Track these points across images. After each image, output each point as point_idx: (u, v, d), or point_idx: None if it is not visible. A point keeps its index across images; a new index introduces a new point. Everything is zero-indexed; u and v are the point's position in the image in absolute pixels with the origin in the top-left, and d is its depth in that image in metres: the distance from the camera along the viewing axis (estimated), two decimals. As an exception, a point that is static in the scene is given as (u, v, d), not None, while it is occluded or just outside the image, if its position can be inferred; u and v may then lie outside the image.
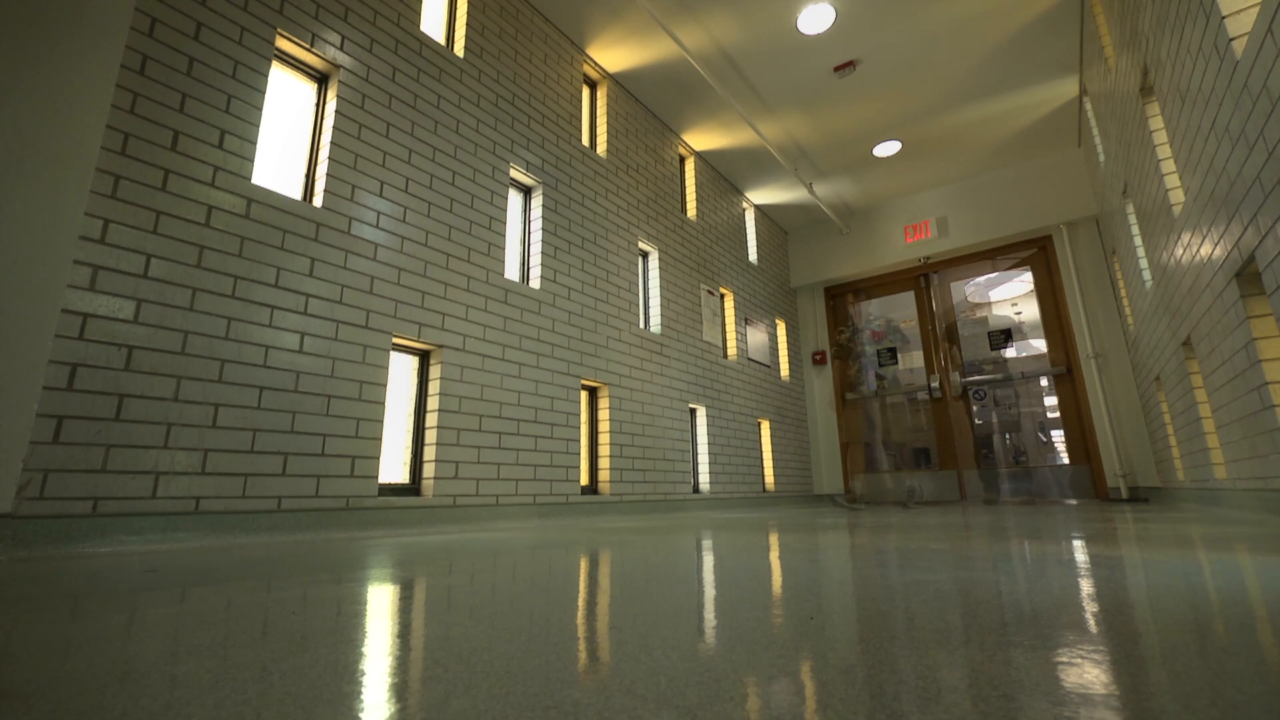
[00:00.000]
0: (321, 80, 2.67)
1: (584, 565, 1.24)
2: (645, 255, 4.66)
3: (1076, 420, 5.33)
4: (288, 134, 2.54)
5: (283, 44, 2.50)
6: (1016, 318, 9.50)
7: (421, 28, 3.09)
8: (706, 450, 4.69)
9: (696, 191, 5.31)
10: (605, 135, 4.32)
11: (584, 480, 3.69)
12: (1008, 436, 9.20)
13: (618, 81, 4.50)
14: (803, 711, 0.39)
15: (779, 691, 0.43)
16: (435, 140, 3.01)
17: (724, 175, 5.74)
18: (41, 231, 1.71)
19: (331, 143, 2.54)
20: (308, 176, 2.56)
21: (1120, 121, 3.57)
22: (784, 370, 6.29)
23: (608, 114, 4.37)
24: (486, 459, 2.95)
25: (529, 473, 3.15)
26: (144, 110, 2.00)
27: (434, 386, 2.83)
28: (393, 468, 2.71)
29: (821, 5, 3.78)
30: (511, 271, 3.48)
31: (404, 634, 0.65)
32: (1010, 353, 6.13)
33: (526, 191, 3.69)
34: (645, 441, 4.02)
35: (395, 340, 2.71)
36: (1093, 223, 5.34)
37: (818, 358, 6.70)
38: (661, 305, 4.55)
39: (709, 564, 1.22)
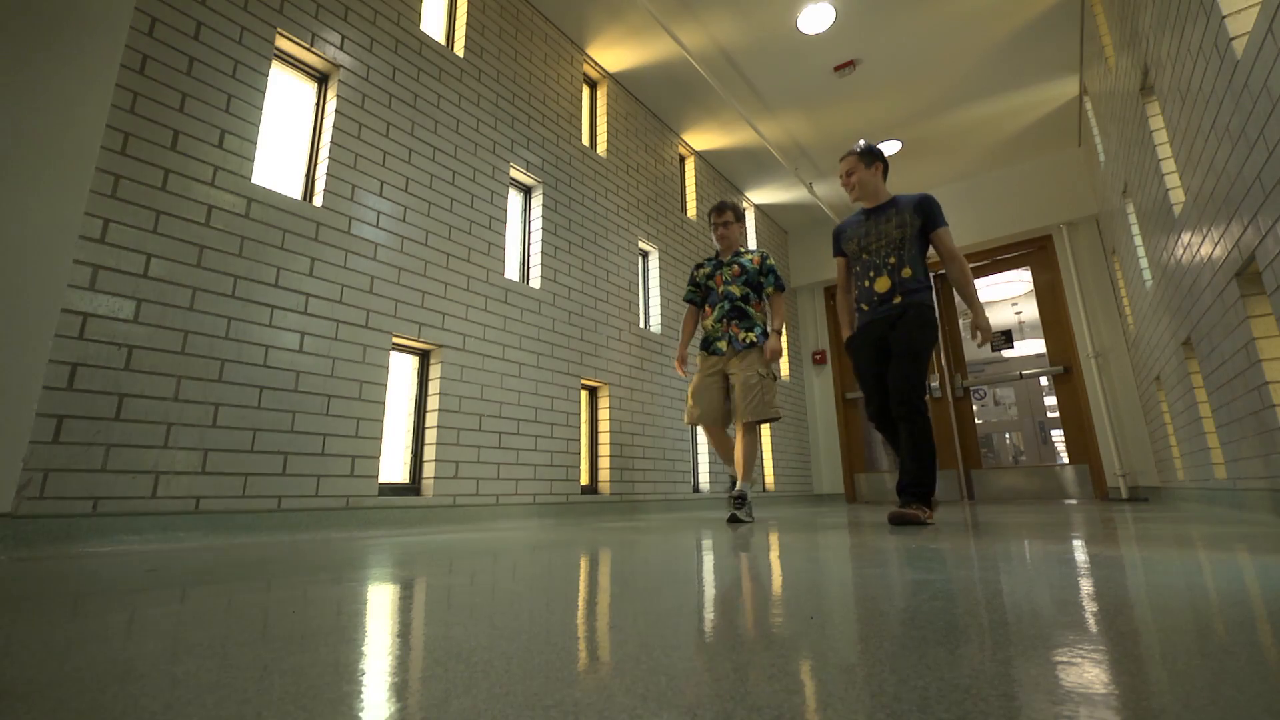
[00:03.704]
0: (321, 80, 2.67)
1: (584, 565, 1.24)
2: (645, 255, 4.66)
3: (1076, 420, 5.33)
4: (288, 134, 2.54)
5: (283, 44, 2.50)
6: (1017, 317, 9.50)
7: (421, 27, 3.09)
8: (707, 450, 4.69)
9: (697, 191, 5.31)
10: (605, 135, 4.32)
11: (584, 480, 3.69)
12: (1008, 436, 9.20)
13: (618, 81, 4.50)
14: (802, 710, 0.39)
15: (780, 690, 0.43)
16: (435, 140, 3.01)
17: (724, 175, 5.74)
18: (41, 231, 1.71)
19: (331, 142, 2.54)
20: (308, 176, 2.56)
21: (1120, 121, 3.57)
22: (784, 370, 6.30)
23: (608, 114, 4.37)
24: (486, 458, 2.95)
25: (529, 472, 3.15)
26: (144, 110, 2.00)
27: (434, 386, 2.83)
28: (393, 467, 2.71)
29: (821, 5, 3.78)
30: (511, 271, 3.48)
31: (404, 633, 0.65)
32: (1010, 352, 6.13)
33: (526, 191, 3.69)
34: (645, 441, 4.02)
35: (395, 340, 2.71)
36: (1093, 222, 5.34)
37: (818, 357, 6.71)
38: (661, 305, 4.55)
39: (709, 564, 1.22)
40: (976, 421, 5.98)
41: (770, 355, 3.00)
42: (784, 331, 2.99)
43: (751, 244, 6.18)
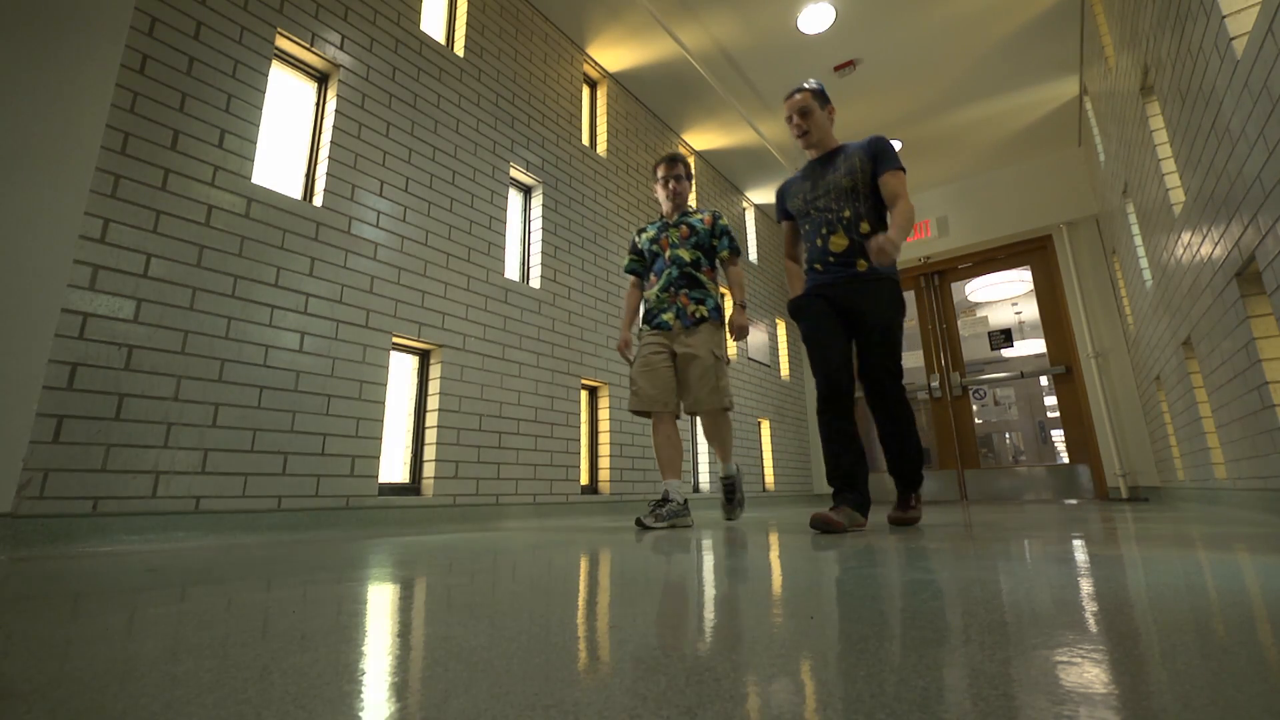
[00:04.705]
0: (321, 80, 2.67)
1: (584, 565, 1.24)
2: (645, 255, 4.65)
3: (1077, 420, 5.33)
4: (288, 134, 2.54)
5: (283, 43, 2.50)
6: (1017, 317, 9.50)
7: (421, 27, 3.09)
8: (706, 450, 4.69)
9: (697, 191, 5.31)
10: (605, 135, 4.32)
11: (584, 480, 3.69)
12: (1008, 436, 9.20)
13: (618, 81, 4.50)
14: (802, 710, 0.39)
15: (779, 691, 0.43)
16: (435, 140, 3.01)
17: (724, 175, 5.74)
18: (41, 231, 1.71)
19: (331, 142, 2.54)
20: (308, 176, 2.56)
21: (1120, 121, 3.57)
22: (784, 370, 6.30)
23: (608, 113, 4.37)
24: (486, 458, 2.95)
25: (529, 472, 3.15)
26: (144, 110, 2.00)
27: (434, 386, 2.83)
28: (393, 467, 2.71)
29: (821, 5, 3.78)
30: (511, 271, 3.48)
31: (404, 633, 0.65)
32: (1010, 352, 6.14)
33: (526, 191, 3.69)
34: (645, 441, 4.02)
35: (395, 340, 2.71)
36: (1093, 222, 5.34)
37: (818, 357, 6.70)
38: (661, 305, 4.55)
39: (709, 564, 1.22)
40: (976, 421, 5.98)
41: (737, 333, 2.59)
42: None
43: (751, 246, 6.16)
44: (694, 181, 5.31)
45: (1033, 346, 9.49)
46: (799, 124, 2.32)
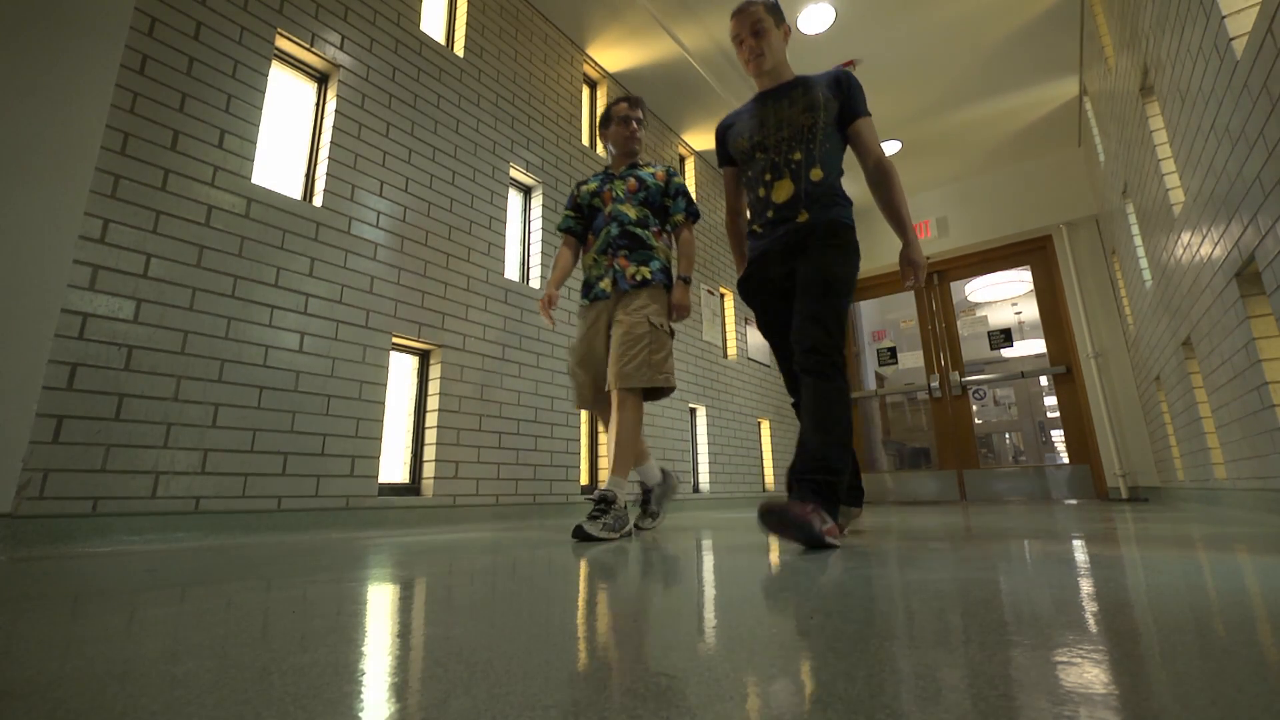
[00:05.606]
0: (321, 80, 2.67)
1: (584, 565, 1.24)
2: (645, 255, 4.65)
3: (1076, 420, 5.33)
4: (288, 134, 2.54)
5: (283, 44, 2.50)
6: (1016, 317, 9.49)
7: (421, 27, 3.09)
8: (706, 450, 4.69)
9: (697, 191, 5.31)
10: (605, 135, 4.31)
11: (584, 480, 3.69)
12: (1008, 436, 9.19)
13: (618, 81, 4.50)
14: (803, 711, 0.39)
15: (779, 691, 0.43)
16: (435, 140, 3.01)
17: (724, 175, 5.73)
18: (41, 231, 1.71)
19: (331, 142, 2.54)
20: (308, 176, 2.56)
21: (1120, 121, 3.57)
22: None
23: (608, 114, 4.37)
24: (486, 459, 2.95)
25: (529, 472, 3.15)
26: (144, 110, 2.00)
27: (434, 386, 2.83)
28: (393, 467, 2.71)
29: (821, 5, 3.78)
30: (511, 271, 3.48)
31: (404, 634, 0.65)
32: (1010, 352, 6.14)
33: (526, 191, 3.69)
34: (645, 441, 4.01)
35: (395, 340, 2.71)
36: (1093, 222, 5.34)
37: (818, 357, 6.69)
38: (661, 305, 4.55)
39: (708, 564, 1.22)
40: (976, 421, 5.98)
41: (677, 312, 2.21)
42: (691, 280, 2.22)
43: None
44: (690, 179, 5.31)
45: (1033, 346, 9.48)
46: (751, 45, 1.86)
